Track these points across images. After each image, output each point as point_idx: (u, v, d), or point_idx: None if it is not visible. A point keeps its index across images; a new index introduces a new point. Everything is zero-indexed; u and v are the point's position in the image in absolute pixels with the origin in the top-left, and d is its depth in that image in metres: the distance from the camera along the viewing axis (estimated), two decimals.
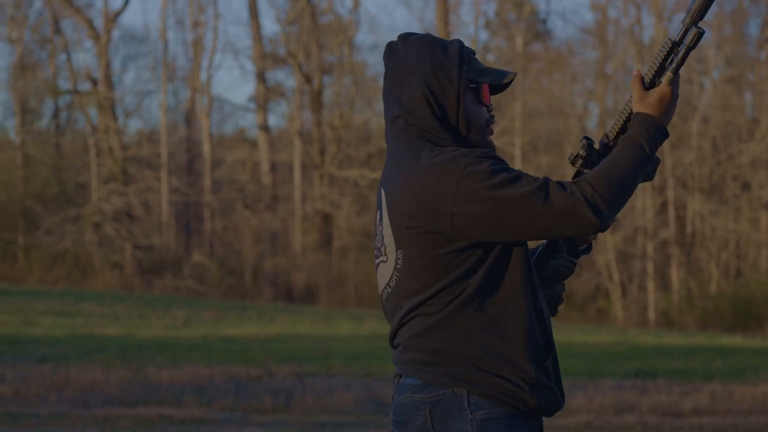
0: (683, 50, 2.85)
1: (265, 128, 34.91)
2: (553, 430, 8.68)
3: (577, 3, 48.39)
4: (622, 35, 31.67)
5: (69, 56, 35.20)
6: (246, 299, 29.45)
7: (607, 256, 28.04)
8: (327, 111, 33.66)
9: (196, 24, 35.22)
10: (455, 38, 2.98)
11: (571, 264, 3.10)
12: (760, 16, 31.26)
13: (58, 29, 34.98)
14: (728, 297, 26.95)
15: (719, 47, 30.43)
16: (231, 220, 33.84)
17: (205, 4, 39.54)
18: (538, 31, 35.13)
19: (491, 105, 2.97)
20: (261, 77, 34.65)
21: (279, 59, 35.75)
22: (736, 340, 19.89)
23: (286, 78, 39.42)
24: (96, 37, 34.22)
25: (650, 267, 28.14)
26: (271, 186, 34.14)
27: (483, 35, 38.63)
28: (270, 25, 62.42)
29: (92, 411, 9.55)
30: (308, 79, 33.24)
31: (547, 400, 2.84)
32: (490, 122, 2.96)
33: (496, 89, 2.99)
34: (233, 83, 53.42)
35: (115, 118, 34.30)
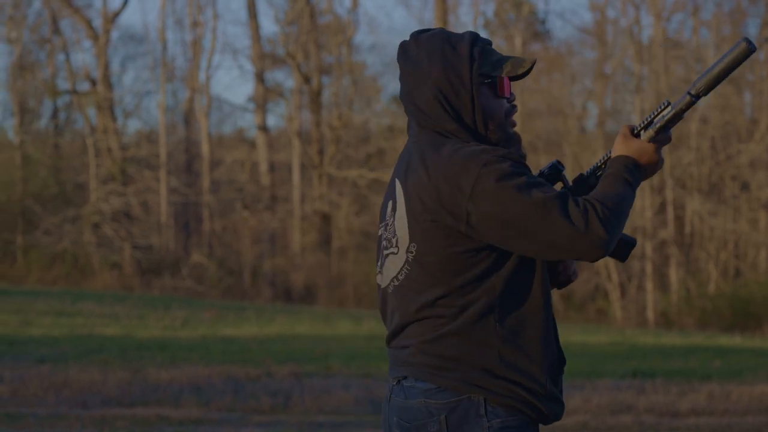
0: (671, 113, 2.83)
1: (264, 128, 34.93)
2: (550, 430, 8.69)
3: (576, 3, 48.41)
4: (621, 35, 31.69)
5: (68, 56, 35.24)
6: (245, 299, 29.45)
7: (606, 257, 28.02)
8: (326, 111, 33.68)
9: (195, 24, 35.25)
10: (467, 31, 2.92)
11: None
12: (759, 16, 31.28)
13: (57, 29, 34.99)
14: (727, 297, 26.95)
15: (718, 47, 30.44)
16: (230, 221, 33.85)
17: (204, 5, 39.61)
18: (537, 31, 35.14)
19: (513, 95, 2.92)
20: (260, 77, 34.67)
21: (278, 59, 35.76)
22: (735, 341, 19.90)
23: (285, 78, 39.46)
24: (95, 37, 34.22)
25: (649, 267, 28.14)
26: (270, 186, 34.15)
27: (482, 35, 38.62)
28: (269, 26, 62.51)
29: (90, 411, 9.56)
30: (307, 80, 33.25)
31: (556, 413, 2.85)
32: (511, 113, 2.92)
33: (517, 76, 2.92)
34: (232, 83, 53.43)
35: (114, 119, 34.31)
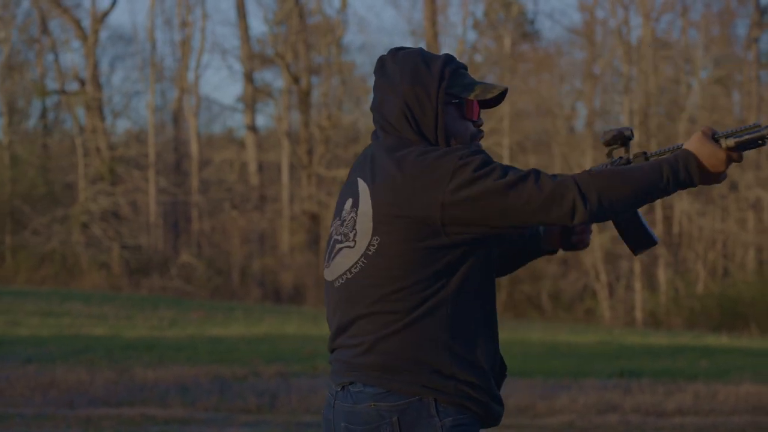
0: (758, 133, 2.84)
1: (253, 128, 34.89)
2: (536, 430, 8.69)
3: (565, 3, 48.52)
4: (610, 36, 31.77)
5: (56, 56, 35.17)
6: (234, 299, 29.41)
7: (594, 256, 28.10)
8: (315, 111, 33.68)
9: (184, 24, 35.18)
10: (445, 53, 2.98)
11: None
12: (748, 17, 31.37)
13: (46, 29, 34.90)
14: (715, 297, 27.02)
15: (707, 48, 30.54)
16: (219, 220, 33.81)
17: (193, 5, 39.52)
18: (526, 32, 35.20)
19: (480, 120, 2.96)
20: (249, 77, 34.63)
21: (267, 59, 35.72)
22: (723, 340, 19.95)
23: (274, 78, 39.35)
24: (84, 38, 34.15)
25: (637, 267, 28.20)
26: (259, 186, 34.13)
27: (471, 36, 38.69)
28: (258, 26, 62.50)
29: (77, 411, 9.54)
30: (296, 80, 33.24)
31: (500, 413, 2.88)
32: (476, 137, 2.95)
33: (487, 104, 2.99)
34: (221, 83, 53.34)
35: (103, 118, 34.25)
